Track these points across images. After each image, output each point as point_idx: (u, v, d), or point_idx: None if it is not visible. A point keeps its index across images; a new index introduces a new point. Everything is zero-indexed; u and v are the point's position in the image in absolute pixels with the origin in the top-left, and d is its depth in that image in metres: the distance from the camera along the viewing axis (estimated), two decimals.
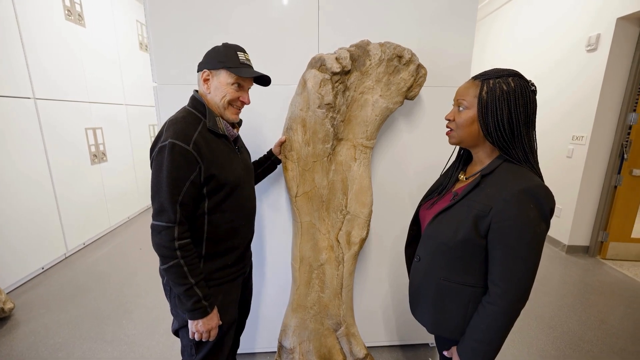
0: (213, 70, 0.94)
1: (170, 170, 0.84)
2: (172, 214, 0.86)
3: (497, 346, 0.78)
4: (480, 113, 0.77)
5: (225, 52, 0.94)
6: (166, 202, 0.85)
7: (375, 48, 1.18)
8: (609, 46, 2.50)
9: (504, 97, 0.74)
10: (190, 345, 1.01)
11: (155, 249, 0.88)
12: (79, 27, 2.95)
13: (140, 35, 4.04)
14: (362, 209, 1.26)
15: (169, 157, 0.84)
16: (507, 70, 0.77)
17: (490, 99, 0.75)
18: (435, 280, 0.86)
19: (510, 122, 0.74)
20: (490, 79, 0.76)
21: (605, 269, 2.67)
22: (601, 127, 2.66)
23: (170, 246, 0.86)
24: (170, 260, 0.87)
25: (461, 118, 0.80)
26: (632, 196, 2.69)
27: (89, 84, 3.08)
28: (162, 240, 0.86)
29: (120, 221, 3.65)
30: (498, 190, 0.74)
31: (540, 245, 0.73)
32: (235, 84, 0.94)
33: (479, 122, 0.78)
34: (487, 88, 0.76)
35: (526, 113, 0.74)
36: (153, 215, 0.88)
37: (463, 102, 0.80)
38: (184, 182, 0.87)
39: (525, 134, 0.76)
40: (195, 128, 0.90)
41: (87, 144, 3.07)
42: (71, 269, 2.63)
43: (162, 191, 0.85)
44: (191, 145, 0.87)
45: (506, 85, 0.74)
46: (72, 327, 1.92)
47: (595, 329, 1.91)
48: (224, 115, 0.98)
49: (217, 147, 0.94)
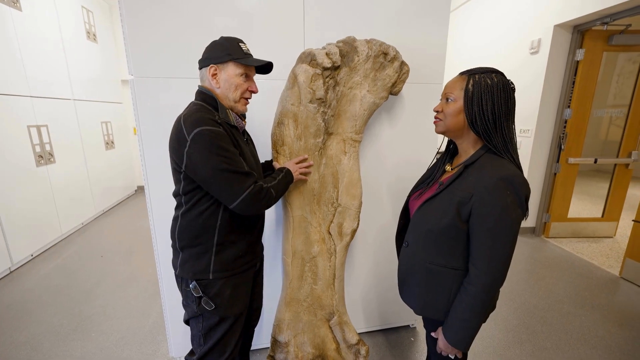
0: (220, 64, 0.95)
1: (213, 150, 0.86)
2: (244, 176, 0.90)
3: (477, 323, 0.85)
4: (466, 104, 0.84)
5: (228, 44, 0.95)
6: (232, 176, 0.88)
7: (362, 45, 1.21)
8: (548, 49, 2.84)
9: (488, 89, 0.81)
10: (200, 336, 1.03)
11: (262, 208, 0.97)
12: (14, 10, 2.59)
13: (87, 23, 3.66)
14: (353, 201, 1.31)
15: (205, 142, 0.85)
16: (490, 67, 0.85)
17: (475, 91, 0.82)
18: (422, 264, 0.92)
19: (493, 113, 0.81)
20: (476, 74, 0.83)
21: (549, 246, 3.05)
22: (543, 121, 3.01)
23: (266, 195, 0.95)
24: (274, 195, 0.98)
25: (449, 109, 0.87)
26: (568, 182, 3.10)
27: (29, 77, 2.73)
28: (262, 198, 0.94)
29: (73, 228, 3.32)
30: (479, 179, 0.80)
31: (516, 229, 0.79)
32: (243, 74, 0.96)
33: (464, 113, 0.85)
34: (473, 82, 0.83)
35: (507, 106, 0.82)
36: (231, 201, 0.90)
37: (451, 94, 0.86)
38: (231, 149, 0.90)
39: (505, 126, 0.83)
40: (214, 116, 0.92)
41: (31, 144, 2.74)
42: (19, 285, 2.34)
43: (221, 171, 0.87)
44: (220, 127, 0.89)
45: (490, 79, 0.81)
46: (31, 347, 1.72)
47: (546, 298, 2.19)
48: (235, 108, 1.00)
49: (235, 136, 0.96)
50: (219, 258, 0.98)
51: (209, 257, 0.98)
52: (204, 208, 0.96)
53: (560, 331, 1.86)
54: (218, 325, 1.02)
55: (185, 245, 0.99)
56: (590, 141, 3.08)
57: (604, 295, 2.23)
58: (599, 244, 3.09)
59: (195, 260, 0.98)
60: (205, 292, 0.99)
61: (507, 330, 1.87)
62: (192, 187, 0.94)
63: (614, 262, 2.69)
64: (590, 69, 2.83)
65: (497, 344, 1.76)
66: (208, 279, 0.98)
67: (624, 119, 2.99)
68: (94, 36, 3.82)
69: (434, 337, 0.97)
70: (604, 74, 2.95)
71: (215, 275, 0.98)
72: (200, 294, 0.98)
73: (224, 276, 1.00)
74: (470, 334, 0.86)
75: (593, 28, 2.71)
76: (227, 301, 1.00)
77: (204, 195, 0.95)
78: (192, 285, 0.98)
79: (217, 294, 0.99)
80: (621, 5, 2.34)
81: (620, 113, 3.02)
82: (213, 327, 1.02)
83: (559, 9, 2.73)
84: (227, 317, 1.02)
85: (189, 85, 1.25)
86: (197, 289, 0.98)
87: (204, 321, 1.02)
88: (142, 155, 1.31)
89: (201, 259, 0.98)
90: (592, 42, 2.76)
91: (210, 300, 0.99)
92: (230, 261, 1.01)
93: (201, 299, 0.99)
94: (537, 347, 1.74)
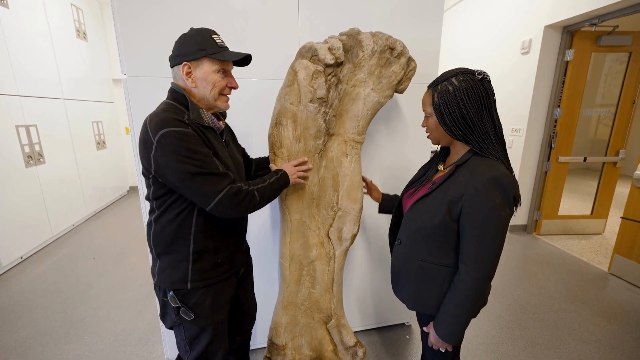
0: (193, 61, 0.86)
1: (181, 153, 0.79)
2: (219, 177, 0.84)
3: (467, 319, 0.88)
4: (438, 117, 0.87)
5: (200, 38, 0.86)
6: (204, 179, 0.82)
7: (367, 38, 1.13)
8: (539, 50, 2.88)
9: (452, 96, 0.83)
10: (184, 344, 1.00)
11: (242, 212, 0.89)
12: (1, 7, 2.53)
13: (76, 21, 3.59)
14: (354, 205, 1.27)
15: (172, 144, 0.79)
16: (452, 70, 0.86)
17: (441, 102, 0.85)
18: (414, 261, 0.94)
19: (463, 117, 0.83)
20: (438, 84, 0.86)
21: (540, 243, 3.10)
22: (534, 120, 3.06)
23: (246, 197, 0.88)
24: (257, 199, 0.91)
25: (429, 124, 0.92)
26: (559, 180, 3.15)
27: (17, 75, 2.67)
28: (241, 201, 0.87)
29: (65, 229, 3.26)
30: (469, 179, 0.82)
31: (505, 228, 0.81)
32: (220, 70, 0.89)
33: (440, 125, 0.88)
34: (437, 94, 0.86)
35: (477, 102, 0.82)
36: (206, 204, 0.84)
37: (426, 111, 0.92)
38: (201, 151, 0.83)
39: (479, 124, 0.83)
40: (182, 116, 0.84)
41: (20, 144, 2.68)
42: (8, 288, 2.29)
43: (192, 175, 0.81)
44: (188, 128, 0.82)
45: (451, 85, 0.83)
46: (22, 351, 1.69)
47: (538, 295, 2.23)
48: (216, 107, 0.94)
49: (208, 136, 0.89)
50: (197, 266, 0.93)
51: (186, 265, 0.92)
52: (176, 213, 0.89)
53: (552, 327, 1.90)
54: (200, 334, 0.98)
55: (161, 252, 0.94)
56: (580, 140, 3.15)
57: (594, 291, 2.28)
58: (588, 240, 3.15)
59: (172, 269, 0.93)
60: (183, 302, 0.93)
61: (500, 327, 1.90)
62: (163, 192, 0.89)
63: (603, 259, 2.75)
64: (580, 69, 2.88)
65: (490, 340, 1.79)
66: (186, 288, 0.93)
67: (612, 118, 3.06)
68: (84, 34, 3.75)
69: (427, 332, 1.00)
70: (593, 74, 3.00)
71: (194, 285, 0.93)
72: (178, 304, 0.93)
73: (204, 285, 0.94)
74: (460, 328, 0.89)
75: (582, 29, 2.76)
76: (208, 310, 0.96)
77: (176, 200, 0.89)
78: (170, 295, 0.93)
79: (197, 304, 0.94)
80: (609, 6, 2.38)
81: (608, 112, 3.09)
82: (196, 336, 0.98)
83: (549, 10, 2.78)
84: (207, 326, 0.97)
85: None
86: (175, 299, 0.93)
87: (185, 331, 0.98)
88: (135, 155, 1.29)
89: (178, 268, 0.92)
90: (581, 43, 2.82)
91: (190, 310, 0.94)
92: (209, 269, 0.95)
93: (179, 309, 0.94)
94: (530, 342, 1.77)
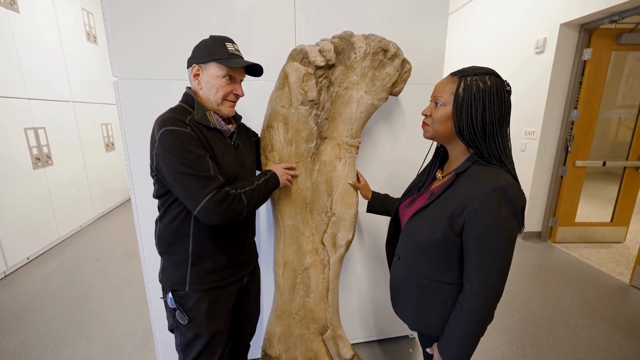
0: (202, 64, 0.90)
1: (174, 151, 0.80)
2: (206, 180, 0.82)
3: (474, 341, 0.80)
4: (455, 111, 0.76)
5: (213, 44, 0.90)
6: (191, 180, 0.81)
7: (359, 40, 1.13)
8: (554, 49, 2.75)
9: (480, 95, 0.73)
10: (179, 350, 0.99)
11: (228, 218, 0.85)
12: (12, 12, 2.58)
13: (87, 25, 3.65)
14: (348, 210, 1.23)
15: (167, 142, 0.81)
16: (484, 68, 0.77)
17: (466, 96, 0.74)
18: (414, 278, 0.86)
19: (483, 122, 0.74)
20: (468, 76, 0.75)
21: (555, 251, 2.95)
22: (549, 123, 2.92)
23: (233, 202, 0.85)
24: (245, 202, 0.87)
25: (438, 114, 0.79)
26: (576, 185, 3.00)
27: (26, 78, 2.72)
28: (227, 206, 0.84)
29: (72, 231, 3.29)
30: (471, 189, 0.74)
31: (512, 242, 0.73)
32: (226, 76, 0.91)
33: (452, 120, 0.77)
34: (464, 85, 0.75)
35: (500, 112, 0.74)
36: (192, 207, 0.83)
37: (440, 98, 0.79)
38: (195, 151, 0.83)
39: (498, 134, 0.76)
40: (184, 117, 0.87)
41: (28, 146, 2.72)
42: (13, 289, 2.32)
43: (181, 174, 0.81)
44: (187, 128, 0.84)
45: (483, 83, 0.74)
46: (19, 355, 1.68)
47: (552, 307, 2.10)
48: (220, 111, 0.94)
49: (210, 138, 0.90)
50: (195, 269, 0.93)
51: (185, 267, 0.93)
52: (176, 214, 0.91)
53: (567, 343, 1.77)
54: (193, 341, 0.97)
55: (164, 252, 0.96)
56: (599, 143, 2.98)
57: (614, 304, 2.13)
58: (608, 249, 2.98)
59: (173, 269, 0.95)
60: (180, 304, 0.94)
61: (511, 342, 1.79)
62: (164, 191, 0.91)
63: (624, 269, 2.58)
64: (598, 69, 2.73)
65: (500, 356, 1.69)
66: (184, 290, 0.94)
67: (634, 120, 2.89)
68: (94, 38, 3.81)
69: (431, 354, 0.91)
70: (613, 74, 2.85)
71: (192, 288, 0.93)
72: (174, 306, 0.94)
73: (201, 289, 0.94)
74: (467, 352, 0.80)
75: (601, 27, 2.62)
76: (203, 316, 0.95)
77: (175, 200, 0.90)
78: (169, 295, 0.95)
79: (192, 308, 0.94)
80: (630, 2, 2.24)
81: (629, 114, 2.92)
82: (189, 343, 0.97)
83: (564, 7, 2.64)
84: (201, 333, 0.96)
85: (175, 87, 1.20)
86: (172, 300, 0.94)
87: (180, 335, 0.98)
88: (127, 158, 1.26)
89: (178, 269, 0.94)
90: (600, 41, 2.67)
91: (185, 313, 0.94)
92: (208, 273, 0.95)
93: (175, 311, 0.94)
94: None
